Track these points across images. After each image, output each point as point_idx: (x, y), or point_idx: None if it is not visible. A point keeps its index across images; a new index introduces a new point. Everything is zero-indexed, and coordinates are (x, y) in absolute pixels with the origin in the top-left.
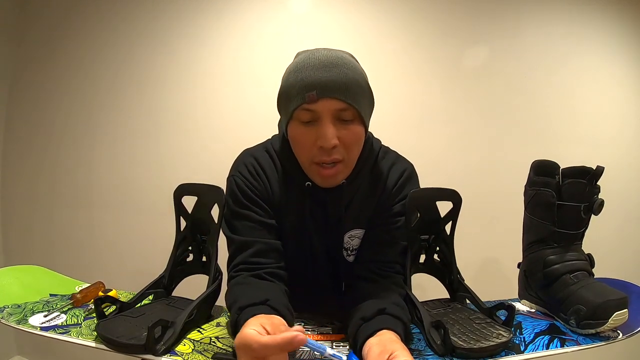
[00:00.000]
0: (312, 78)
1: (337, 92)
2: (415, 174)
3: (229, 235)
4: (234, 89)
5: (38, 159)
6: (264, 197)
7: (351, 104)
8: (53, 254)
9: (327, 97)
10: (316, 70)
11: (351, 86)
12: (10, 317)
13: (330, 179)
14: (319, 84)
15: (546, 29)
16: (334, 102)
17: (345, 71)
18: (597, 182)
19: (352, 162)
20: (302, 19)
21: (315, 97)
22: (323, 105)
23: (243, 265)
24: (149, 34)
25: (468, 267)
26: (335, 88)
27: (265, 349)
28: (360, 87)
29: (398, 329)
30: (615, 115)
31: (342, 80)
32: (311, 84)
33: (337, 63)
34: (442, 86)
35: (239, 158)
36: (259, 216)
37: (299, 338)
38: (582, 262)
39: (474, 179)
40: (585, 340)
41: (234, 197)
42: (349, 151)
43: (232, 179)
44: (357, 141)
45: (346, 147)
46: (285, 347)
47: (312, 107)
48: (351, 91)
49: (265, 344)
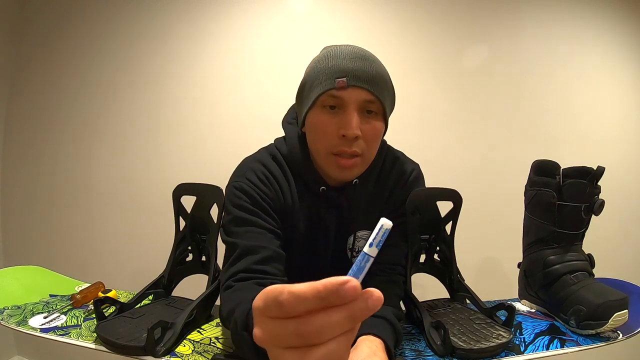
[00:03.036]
0: (343, 66)
1: (367, 83)
2: (421, 174)
3: (230, 241)
4: (234, 89)
5: (38, 159)
6: (275, 204)
7: (378, 97)
8: (53, 254)
9: (357, 86)
10: (348, 60)
11: (380, 80)
12: (10, 319)
13: (347, 170)
14: (351, 72)
15: (546, 29)
16: (363, 92)
17: (375, 66)
18: (598, 182)
19: (369, 159)
20: (302, 19)
21: (346, 84)
22: (352, 93)
23: (245, 273)
24: (149, 34)
25: (468, 267)
26: (366, 78)
27: (299, 301)
28: (387, 84)
29: (380, 331)
30: (615, 115)
31: (373, 73)
32: (343, 70)
33: (367, 57)
34: (442, 86)
35: (243, 165)
36: (267, 223)
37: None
38: (583, 262)
39: (474, 179)
40: (586, 341)
41: (239, 204)
42: (369, 146)
43: (239, 185)
44: (377, 137)
45: (367, 141)
46: (330, 298)
47: (340, 94)
48: (380, 85)
49: (300, 293)
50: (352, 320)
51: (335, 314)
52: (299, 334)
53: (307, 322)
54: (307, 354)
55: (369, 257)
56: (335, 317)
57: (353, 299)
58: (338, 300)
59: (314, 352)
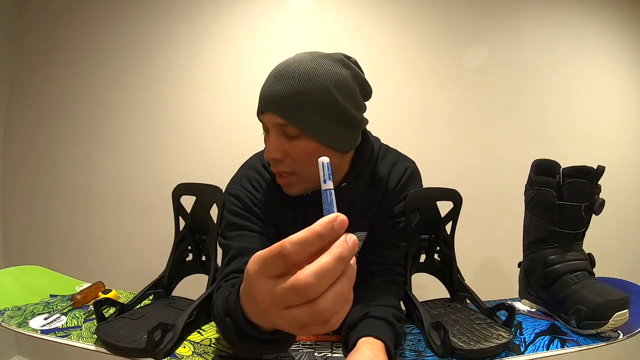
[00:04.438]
0: (264, 89)
1: (274, 107)
2: (417, 172)
3: (224, 244)
4: (233, 89)
5: (38, 159)
6: (267, 208)
7: (288, 120)
8: (53, 254)
9: (268, 111)
10: (268, 82)
11: (291, 101)
12: (11, 320)
13: (287, 187)
14: (265, 97)
15: (546, 29)
16: (274, 116)
17: (290, 83)
18: (598, 181)
19: (307, 175)
20: (302, 19)
21: (262, 110)
22: (267, 118)
23: (236, 274)
24: (149, 34)
25: (468, 267)
26: (273, 103)
27: (304, 245)
28: (305, 101)
29: (380, 333)
30: (615, 114)
31: (283, 94)
32: (262, 94)
33: (285, 74)
34: (442, 86)
35: (238, 173)
36: (259, 227)
37: (340, 218)
38: (583, 261)
39: (474, 179)
40: (586, 341)
41: (233, 210)
42: (300, 165)
43: (233, 192)
44: (305, 156)
45: (295, 161)
46: (329, 234)
47: (262, 119)
48: (290, 106)
49: (302, 239)
50: (341, 260)
51: (325, 258)
52: (298, 290)
53: (303, 277)
54: (314, 305)
55: (331, 191)
56: (326, 262)
57: (344, 230)
58: (335, 234)
59: (319, 301)
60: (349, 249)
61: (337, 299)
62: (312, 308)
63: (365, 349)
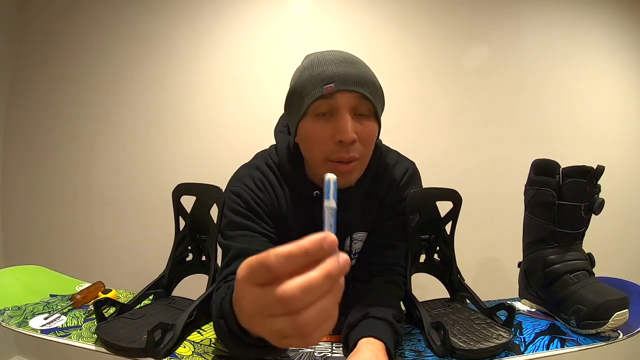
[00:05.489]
0: (330, 71)
1: (355, 85)
2: (417, 173)
3: (225, 244)
4: (234, 89)
5: (38, 158)
6: (270, 209)
7: (369, 98)
8: (53, 254)
9: (346, 89)
10: (334, 65)
11: (368, 82)
12: (11, 320)
13: (346, 175)
14: (338, 77)
15: (546, 29)
16: (352, 95)
17: (361, 68)
18: (598, 181)
19: (366, 161)
20: (302, 19)
21: (334, 89)
22: (342, 97)
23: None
24: (149, 34)
25: (468, 267)
26: (354, 81)
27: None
28: (375, 85)
29: (381, 334)
30: (615, 114)
31: (360, 75)
32: (330, 76)
33: (352, 60)
34: (442, 86)
35: (241, 171)
36: (261, 228)
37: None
38: (583, 261)
39: (474, 179)
40: (586, 341)
41: (235, 208)
42: (365, 148)
43: (236, 190)
44: (372, 138)
45: (363, 143)
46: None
47: (331, 100)
48: (368, 86)
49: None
50: (329, 278)
51: (313, 273)
52: (282, 301)
53: (289, 288)
54: (297, 317)
55: (333, 210)
56: (314, 277)
57: (334, 250)
58: (322, 253)
59: (302, 314)
60: (339, 267)
61: (320, 314)
62: (294, 320)
63: (366, 349)
